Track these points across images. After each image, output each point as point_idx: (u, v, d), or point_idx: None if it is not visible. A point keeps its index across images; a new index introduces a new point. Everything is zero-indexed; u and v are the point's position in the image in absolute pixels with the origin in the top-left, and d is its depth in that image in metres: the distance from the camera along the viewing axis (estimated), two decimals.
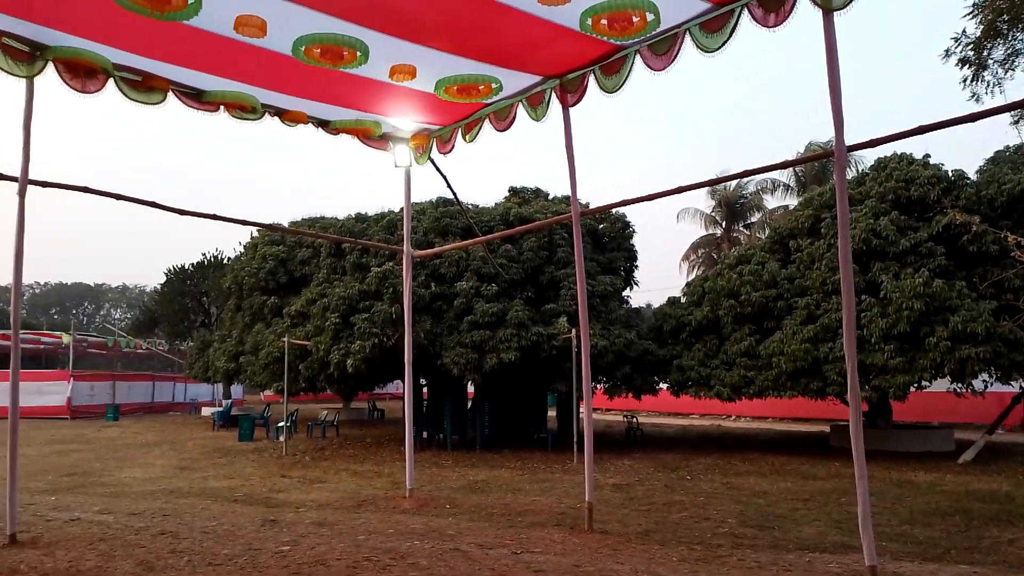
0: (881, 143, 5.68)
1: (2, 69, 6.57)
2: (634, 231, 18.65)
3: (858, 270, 13.92)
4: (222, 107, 7.79)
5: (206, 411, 32.04)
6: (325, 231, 18.56)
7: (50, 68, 6.87)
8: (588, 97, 7.19)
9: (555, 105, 7.52)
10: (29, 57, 6.72)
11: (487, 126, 8.15)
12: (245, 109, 7.79)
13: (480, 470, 13.03)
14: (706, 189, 39.00)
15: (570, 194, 7.88)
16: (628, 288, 18.65)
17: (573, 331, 14.19)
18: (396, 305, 14.99)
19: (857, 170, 23.62)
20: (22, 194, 7.01)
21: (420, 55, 6.57)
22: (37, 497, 9.54)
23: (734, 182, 37.36)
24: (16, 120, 7.01)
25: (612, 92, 6.78)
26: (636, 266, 18.91)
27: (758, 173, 7.41)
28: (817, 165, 34.19)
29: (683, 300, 18.15)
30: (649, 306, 28.66)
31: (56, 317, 71.96)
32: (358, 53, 6.29)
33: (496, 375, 15.26)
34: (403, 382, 18.48)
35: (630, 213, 19.26)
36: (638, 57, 6.53)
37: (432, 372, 17.01)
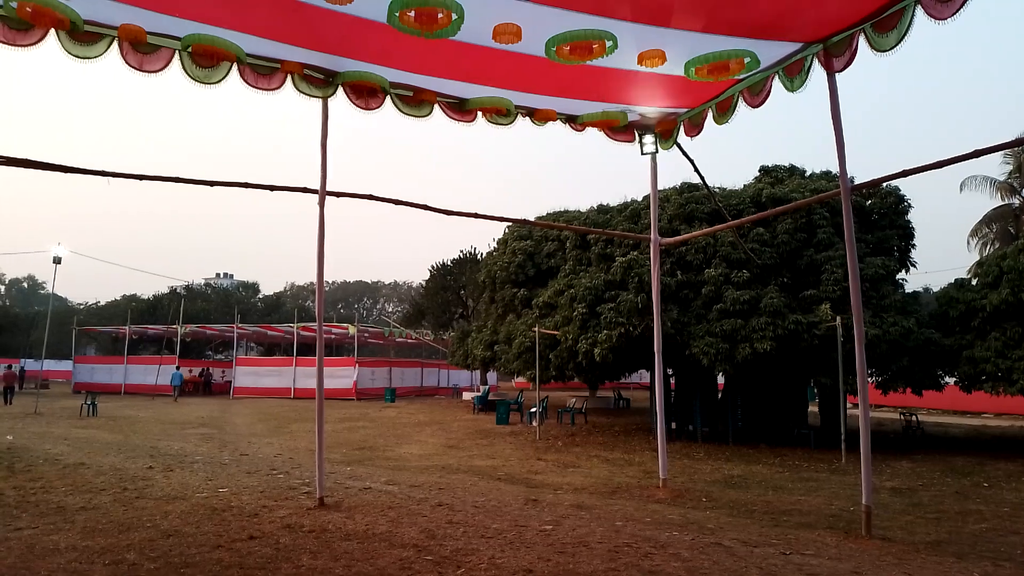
0: None
1: (303, 93, 7.68)
2: (909, 206, 16.51)
3: None
4: (479, 113, 8.35)
5: (466, 395, 34.74)
6: (569, 224, 19.06)
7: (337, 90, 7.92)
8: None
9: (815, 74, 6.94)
10: (324, 82, 7.77)
11: (741, 104, 7.74)
12: (500, 113, 8.27)
13: (735, 464, 12.50)
14: (1000, 154, 33.29)
15: (837, 169, 7.22)
16: (903, 270, 16.57)
17: (838, 319, 12.98)
18: (642, 294, 14.92)
19: None
20: (322, 204, 8.13)
21: (669, 38, 6.44)
22: (336, 467, 11.07)
23: None
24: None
25: (887, 51, 6.04)
26: (912, 245, 16.70)
27: None
28: None
29: (974, 282, 15.71)
30: (927, 290, 25.26)
31: (342, 311, 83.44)
32: (607, 44, 6.33)
33: (749, 366, 14.49)
34: (649, 372, 18.28)
35: (902, 186, 17.03)
36: (919, 7, 5.74)
37: (680, 362, 16.66)
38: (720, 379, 18.72)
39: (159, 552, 5.51)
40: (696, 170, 9.82)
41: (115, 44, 6.52)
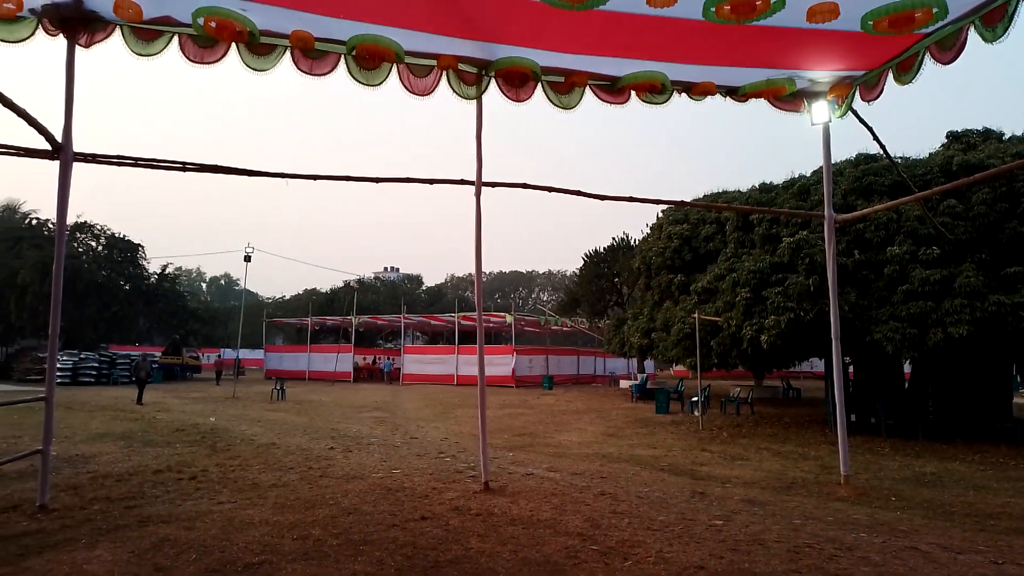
0: None
1: (458, 94, 7.85)
2: None
3: None
4: (632, 93, 8.08)
5: (623, 383, 34.38)
6: (729, 204, 18.16)
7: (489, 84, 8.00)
8: None
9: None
10: (476, 78, 7.89)
11: (927, 61, 6.90)
12: (655, 90, 7.96)
13: (926, 461, 11.33)
14: None
15: None
16: None
17: None
18: (813, 276, 13.89)
19: None
20: (478, 194, 8.31)
21: None
22: (499, 453, 11.32)
23: None
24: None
25: None
26: None
27: None
28: None
29: None
30: None
31: (499, 300, 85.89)
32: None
33: (941, 353, 13.02)
34: (823, 359, 17.01)
35: None
36: None
37: (859, 349, 15.34)
38: (907, 367, 17.06)
39: (341, 529, 5.89)
40: (876, 138, 8.93)
41: (286, 54, 7.04)
